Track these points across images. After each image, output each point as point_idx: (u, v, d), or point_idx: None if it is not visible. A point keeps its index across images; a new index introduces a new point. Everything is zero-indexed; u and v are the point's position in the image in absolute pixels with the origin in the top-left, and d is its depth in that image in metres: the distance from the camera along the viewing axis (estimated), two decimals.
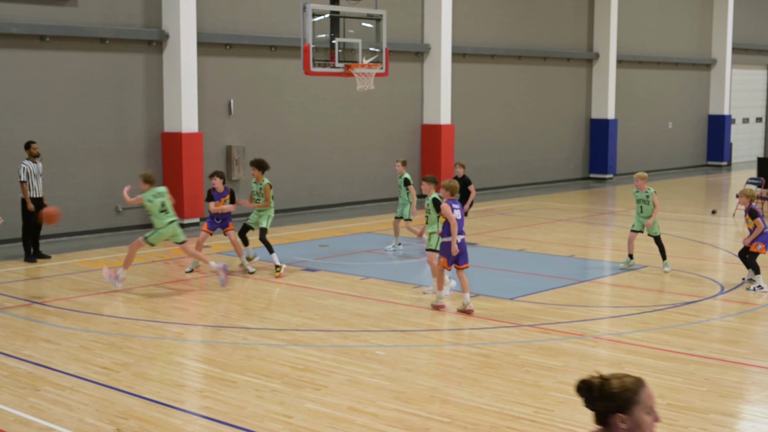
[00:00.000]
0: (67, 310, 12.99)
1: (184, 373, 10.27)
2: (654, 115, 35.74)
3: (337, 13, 17.46)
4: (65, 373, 10.05)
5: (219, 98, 21.77)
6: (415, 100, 26.57)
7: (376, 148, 25.37)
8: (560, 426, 8.49)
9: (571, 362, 10.53)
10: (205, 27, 21.27)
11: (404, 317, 12.67)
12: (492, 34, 28.76)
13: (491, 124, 28.97)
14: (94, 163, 19.75)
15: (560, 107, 31.59)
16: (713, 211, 24.06)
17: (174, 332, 11.99)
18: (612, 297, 14.29)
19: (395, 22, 23.90)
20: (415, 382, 9.83)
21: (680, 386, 9.64)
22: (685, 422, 8.59)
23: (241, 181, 22.21)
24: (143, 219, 20.59)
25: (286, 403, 9.08)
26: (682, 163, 37.40)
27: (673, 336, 11.67)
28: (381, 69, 17.98)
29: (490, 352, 10.92)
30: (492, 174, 28.99)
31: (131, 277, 15.43)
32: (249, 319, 12.62)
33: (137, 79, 20.36)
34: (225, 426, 8.48)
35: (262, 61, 22.56)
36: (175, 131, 20.58)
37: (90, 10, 19.50)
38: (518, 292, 14.32)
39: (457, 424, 8.53)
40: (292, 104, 23.31)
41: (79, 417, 8.69)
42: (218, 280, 14.64)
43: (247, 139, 22.33)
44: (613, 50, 32.28)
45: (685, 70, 36.97)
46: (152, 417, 8.71)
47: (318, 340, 11.56)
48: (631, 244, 16.10)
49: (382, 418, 8.69)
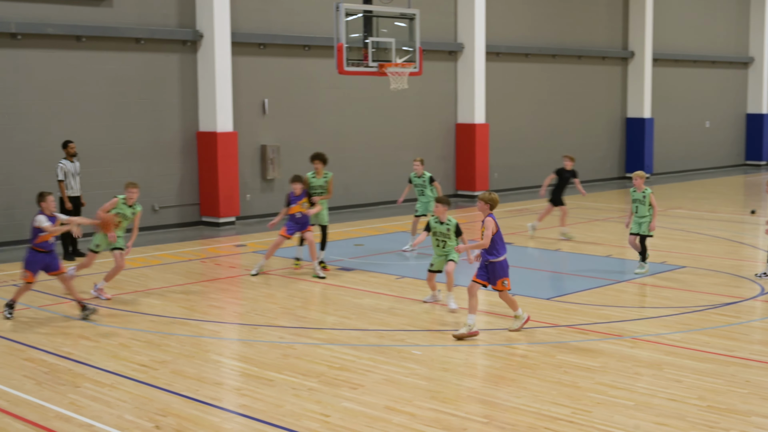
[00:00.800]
0: (106, 308, 13.07)
1: (221, 371, 10.30)
2: (691, 113, 35.44)
3: (370, 13, 17.44)
4: (104, 371, 10.11)
5: (253, 98, 21.83)
6: (448, 99, 26.51)
7: (410, 147, 25.33)
8: (598, 427, 8.42)
9: (609, 363, 10.44)
10: (239, 27, 21.33)
11: (440, 317, 12.63)
12: (526, 32, 28.63)
13: (525, 123, 28.86)
14: (130, 163, 19.87)
15: (595, 106, 31.40)
16: (752, 211, 23.80)
17: (211, 330, 12.03)
18: (650, 297, 14.17)
19: (428, 21, 23.85)
20: (451, 381, 9.80)
21: (721, 388, 9.54)
22: (726, 425, 8.49)
23: (276, 181, 22.25)
24: (179, 218, 20.72)
25: (323, 402, 9.08)
26: (719, 163, 37.05)
27: (712, 337, 11.54)
28: (414, 68, 17.94)
29: (528, 353, 10.86)
30: (527, 173, 28.87)
31: (168, 275, 15.52)
32: (285, 317, 12.64)
33: (172, 79, 20.46)
34: (262, 424, 8.49)
35: (296, 61, 22.59)
36: (210, 131, 20.67)
37: (125, 10, 19.62)
38: (555, 292, 14.23)
39: (494, 425, 8.49)
40: (325, 103, 23.33)
41: (118, 414, 8.74)
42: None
43: (282, 139, 22.38)
44: (649, 48, 32.04)
45: (722, 68, 36.63)
46: (190, 414, 8.74)
47: (354, 339, 11.55)
48: (635, 245, 15.71)
49: (419, 417, 8.66)
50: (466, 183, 26.51)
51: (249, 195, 21.82)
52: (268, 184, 22.19)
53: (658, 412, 8.82)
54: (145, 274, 15.64)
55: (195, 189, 20.95)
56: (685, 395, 9.31)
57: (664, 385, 9.64)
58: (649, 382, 9.74)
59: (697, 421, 8.57)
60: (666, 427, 8.42)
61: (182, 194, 20.77)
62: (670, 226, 21.17)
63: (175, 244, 18.67)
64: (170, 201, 20.54)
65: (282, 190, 22.40)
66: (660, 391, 9.44)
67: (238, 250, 18.11)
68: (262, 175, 22.03)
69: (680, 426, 8.45)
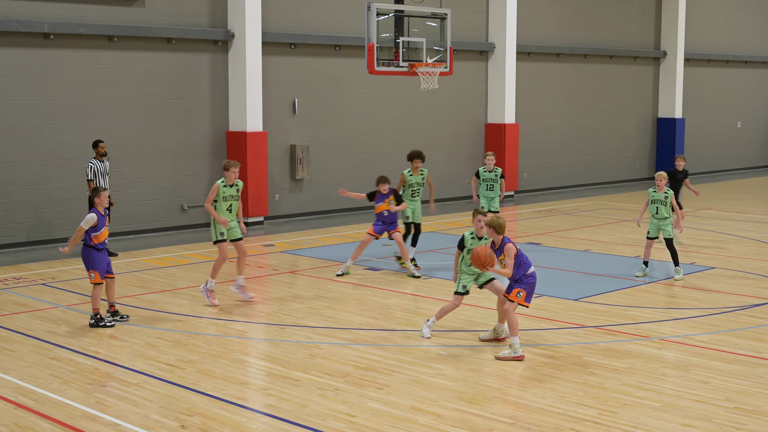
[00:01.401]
0: (133, 308, 13.16)
1: (247, 370, 10.34)
2: (722, 114, 35.15)
3: (401, 12, 17.44)
4: (131, 370, 10.18)
5: (283, 97, 21.89)
6: (479, 99, 26.45)
7: (441, 147, 25.31)
8: (624, 428, 8.38)
9: (636, 364, 10.39)
10: (270, 27, 21.40)
11: (466, 317, 12.61)
12: (557, 32, 28.52)
13: (556, 123, 28.74)
14: (160, 162, 20.00)
15: (626, 106, 31.22)
16: None
17: (238, 330, 12.08)
18: (678, 299, 14.07)
19: (459, 21, 23.82)
20: (477, 382, 9.79)
21: (749, 390, 9.46)
22: (753, 426, 8.43)
23: (305, 181, 22.31)
24: (208, 218, 20.74)
25: (348, 402, 9.09)
26: (750, 163, 36.72)
27: (741, 339, 11.45)
28: (445, 68, 17.92)
29: (554, 353, 10.82)
30: (557, 173, 28.76)
31: (196, 275, 15.59)
32: (312, 317, 12.67)
33: (203, 79, 20.57)
34: (288, 424, 8.52)
35: (327, 61, 22.63)
36: (240, 130, 20.75)
37: (157, 10, 19.75)
38: (583, 292, 14.18)
39: (520, 425, 8.46)
40: (356, 103, 23.36)
41: (144, 413, 8.79)
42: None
43: (312, 139, 22.43)
44: (681, 48, 31.81)
45: (754, 68, 36.30)
46: (216, 414, 8.78)
47: (380, 339, 11.56)
48: (649, 251, 15.48)
49: (444, 418, 8.66)
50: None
51: (278, 195, 21.89)
52: (297, 184, 22.25)
53: (684, 413, 8.76)
54: (173, 274, 15.73)
55: None
56: (713, 397, 9.24)
57: (691, 386, 9.58)
58: (676, 384, 9.68)
59: (725, 423, 8.50)
60: (693, 429, 8.36)
61: None
62: (700, 226, 21.01)
63: (203, 244, 18.76)
64: (199, 201, 20.63)
65: (311, 189, 22.47)
66: (687, 392, 9.38)
67: (266, 250, 18.17)
68: (291, 175, 22.09)
69: (707, 428, 8.39)
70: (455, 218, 22.21)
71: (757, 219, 22.38)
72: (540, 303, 13.40)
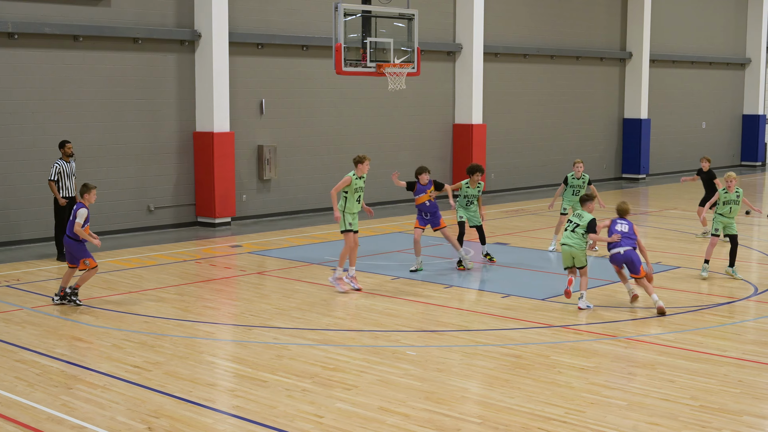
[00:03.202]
0: (99, 309, 13.07)
1: (215, 372, 10.30)
2: (687, 114, 35.45)
3: (368, 13, 17.44)
4: (97, 372, 10.11)
5: (250, 98, 21.83)
6: (446, 99, 26.51)
7: (408, 147, 25.34)
8: (591, 427, 8.43)
9: (603, 363, 10.46)
10: (237, 27, 21.32)
11: (435, 317, 12.63)
12: (524, 33, 28.64)
13: (523, 123, 28.85)
14: (126, 163, 19.87)
15: (593, 107, 31.41)
16: (747, 211, 23.78)
17: (205, 331, 12.02)
18: (644, 298, 14.16)
19: (427, 22, 23.86)
20: (446, 382, 9.80)
21: (713, 388, 9.55)
22: (718, 424, 8.51)
23: (272, 181, 22.25)
24: (175, 218, 20.71)
25: (316, 403, 9.08)
26: (715, 164, 36.88)
27: (706, 337, 11.56)
28: (413, 68, 17.94)
29: (522, 353, 10.86)
30: (524, 174, 28.88)
31: (162, 276, 15.52)
32: (280, 318, 12.64)
33: (169, 79, 20.46)
34: (256, 425, 8.50)
35: (294, 61, 22.59)
36: (206, 131, 20.66)
37: (123, 10, 19.61)
38: (550, 292, 14.24)
39: (487, 425, 8.49)
40: (323, 104, 23.33)
41: (110, 415, 8.74)
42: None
43: (279, 139, 22.37)
44: (647, 49, 32.05)
45: (719, 69, 36.65)
46: (183, 416, 8.74)
47: (348, 339, 11.56)
48: (713, 249, 15.55)
49: (412, 418, 8.67)
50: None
51: (245, 195, 21.81)
52: (265, 185, 22.19)
53: (650, 412, 8.83)
54: (139, 275, 15.64)
55: (191, 189, 20.94)
56: (678, 395, 9.32)
57: (658, 385, 9.65)
58: (642, 382, 9.75)
59: (690, 421, 8.58)
60: (659, 427, 8.43)
61: (178, 194, 20.76)
62: (665, 226, 21.19)
63: (170, 245, 18.67)
64: (166, 201, 20.53)
65: (278, 190, 22.42)
66: (653, 391, 9.46)
67: (233, 251, 18.11)
68: (259, 175, 22.03)
69: (673, 426, 8.47)
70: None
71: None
72: (507, 303, 13.45)
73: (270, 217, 22.33)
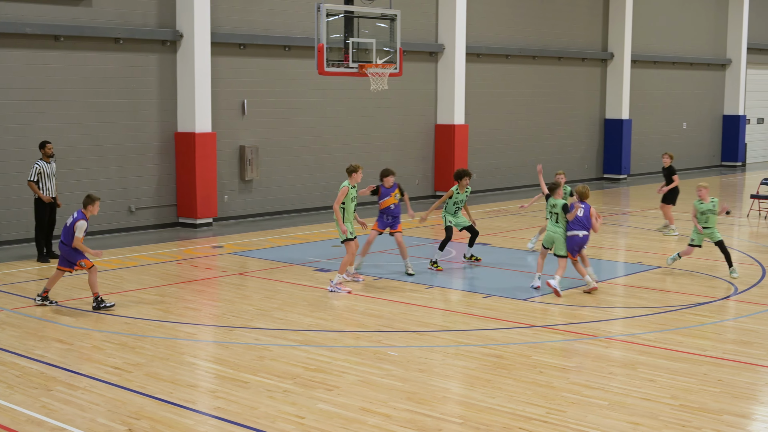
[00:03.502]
0: (80, 310, 13.02)
1: (196, 373, 10.28)
2: (668, 115, 35.60)
3: (351, 13, 17.43)
4: (77, 373, 10.07)
5: (232, 98, 21.78)
6: (428, 100, 26.53)
7: (390, 148, 25.35)
8: (572, 427, 8.46)
9: (584, 363, 10.50)
10: (219, 27, 21.28)
11: (417, 318, 12.64)
12: (506, 34, 28.69)
13: (505, 124, 28.91)
14: (107, 163, 19.79)
15: (574, 107, 31.50)
16: (727, 211, 23.88)
17: (186, 332, 12.00)
18: (625, 298, 14.23)
19: (409, 22, 23.86)
20: (427, 382, 9.81)
21: (693, 387, 9.60)
22: (698, 423, 8.55)
23: (254, 182, 22.22)
24: (156, 219, 20.65)
25: (298, 404, 9.07)
26: (696, 164, 37.23)
27: (686, 337, 11.61)
28: (395, 69, 17.95)
29: (503, 353, 10.89)
30: (506, 174, 28.93)
31: (143, 277, 15.47)
32: (261, 319, 12.62)
33: (151, 79, 20.40)
34: (237, 426, 8.48)
35: (276, 61, 22.56)
36: (188, 131, 20.61)
37: (104, 10, 19.54)
38: (531, 292, 14.27)
39: (469, 425, 8.51)
40: (305, 104, 23.31)
41: (91, 417, 8.70)
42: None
43: (261, 139, 22.34)
44: (628, 50, 32.17)
45: (699, 70, 36.81)
46: (164, 417, 8.71)
47: (330, 340, 11.56)
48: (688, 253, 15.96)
49: (394, 418, 8.68)
50: (444, 184, 26.52)
51: (227, 196, 21.77)
52: (246, 185, 22.15)
53: (631, 411, 8.87)
54: (120, 276, 15.58)
55: (172, 190, 20.88)
56: (659, 394, 9.36)
57: (638, 384, 9.70)
58: (622, 382, 9.79)
59: (670, 420, 8.62)
60: (639, 426, 8.47)
61: (159, 195, 20.70)
62: (646, 226, 21.28)
63: (151, 246, 18.62)
64: (147, 202, 20.47)
65: (260, 191, 22.38)
66: (634, 390, 9.50)
67: (215, 252, 18.07)
68: (241, 176, 21.99)
69: (653, 425, 8.50)
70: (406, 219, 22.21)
71: None
72: (489, 303, 13.48)
73: (252, 218, 22.30)
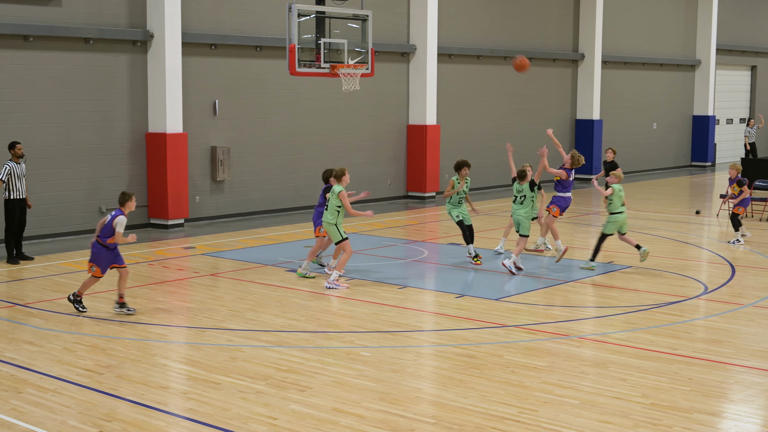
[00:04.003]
0: (50, 312, 12.93)
1: (167, 374, 10.23)
2: (639, 115, 35.82)
3: (322, 14, 17.43)
4: (48, 375, 10.00)
5: (204, 99, 21.70)
6: (400, 100, 26.56)
7: (362, 148, 25.35)
8: (544, 426, 8.49)
9: (556, 362, 10.54)
10: (190, 27, 21.20)
11: (389, 318, 12.65)
12: (478, 34, 28.77)
13: (477, 124, 28.98)
14: (78, 164, 19.66)
15: (546, 108, 31.63)
16: (697, 211, 24.13)
17: (158, 334, 11.94)
18: (596, 297, 14.31)
19: (381, 23, 23.88)
20: (400, 383, 9.82)
21: (664, 386, 9.66)
22: (669, 422, 8.61)
23: (226, 182, 22.15)
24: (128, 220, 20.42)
25: (270, 405, 9.06)
26: (666, 164, 37.49)
27: (657, 336, 11.69)
28: (366, 69, 17.96)
29: (476, 353, 10.91)
30: (478, 174, 28.93)
31: (115, 278, 15.34)
32: (233, 320, 12.58)
33: (122, 80, 20.28)
34: (209, 428, 8.45)
35: (248, 62, 22.50)
36: (159, 132, 20.51)
37: (74, 9, 19.41)
38: (503, 292, 14.32)
39: (442, 425, 8.52)
40: (277, 105, 23.26)
41: (61, 419, 8.65)
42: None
43: (232, 140, 22.27)
44: (599, 51, 32.34)
45: (669, 70, 37.07)
46: (136, 419, 8.67)
47: (303, 341, 11.54)
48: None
49: (367, 419, 8.68)
50: (416, 184, 26.59)
51: (198, 197, 21.69)
52: (218, 186, 22.08)
53: (602, 410, 8.92)
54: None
55: (143, 191, 20.77)
56: (630, 393, 9.42)
57: (609, 383, 9.75)
58: (594, 381, 9.84)
59: (641, 419, 8.67)
60: (611, 425, 8.51)
61: None
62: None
63: (122, 247, 18.44)
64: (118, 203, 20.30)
65: (232, 191, 22.32)
66: (605, 389, 9.55)
67: (186, 253, 18.00)
68: (212, 176, 21.91)
69: (625, 424, 8.55)
70: (378, 219, 22.26)
71: (673, 218, 22.87)
72: (461, 303, 13.52)
73: (223, 219, 22.23)
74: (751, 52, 41.67)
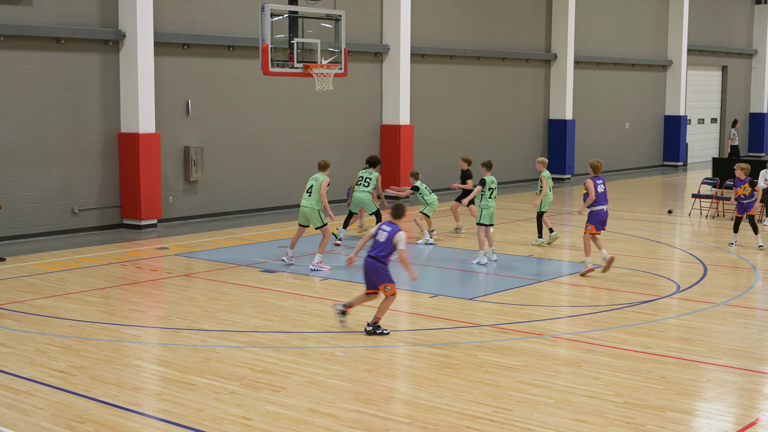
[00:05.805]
0: (22, 313, 12.83)
1: (141, 375, 10.18)
2: (611, 115, 36.02)
3: (295, 13, 17.41)
4: (20, 377, 9.92)
5: (176, 98, 21.61)
6: (374, 100, 26.56)
7: (336, 148, 25.33)
8: (519, 425, 8.52)
9: (529, 362, 10.57)
10: (163, 27, 21.10)
11: (364, 318, 12.63)
12: (451, 34, 28.82)
13: (450, 124, 29.03)
14: (49, 165, 19.53)
15: (519, 108, 31.73)
16: (669, 210, 24.29)
17: (131, 335, 11.88)
18: (570, 296, 14.38)
19: (354, 23, 23.88)
20: (374, 383, 9.83)
21: (637, 384, 9.72)
22: (642, 420, 8.66)
23: (199, 182, 22.06)
24: (100, 220, 20.41)
25: (244, 406, 9.03)
26: (638, 164, 37.71)
27: (630, 335, 11.75)
28: (340, 69, 17.96)
29: (450, 353, 10.93)
30: (451, 175, 28.99)
31: (87, 279, 15.28)
32: (207, 321, 12.54)
33: (93, 80, 20.16)
34: (183, 429, 8.42)
35: (220, 61, 22.43)
36: (132, 132, 20.40)
37: (45, 9, 19.27)
38: (478, 292, 14.36)
39: (416, 425, 8.53)
40: (250, 104, 23.21)
41: (34, 421, 8.59)
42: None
43: (206, 140, 22.20)
44: (571, 51, 32.49)
45: (641, 71, 37.30)
46: (109, 420, 8.62)
47: (277, 341, 11.52)
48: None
49: (341, 419, 8.67)
50: (390, 184, 26.57)
51: (171, 197, 21.60)
52: (191, 186, 21.99)
53: (576, 409, 8.96)
54: (63, 278, 15.39)
55: (116, 191, 20.66)
56: (603, 392, 9.47)
57: (583, 382, 9.80)
58: (568, 380, 9.88)
59: (615, 417, 8.72)
60: (584, 424, 8.55)
61: (103, 196, 20.47)
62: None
63: (95, 247, 18.40)
64: (91, 203, 20.23)
65: (205, 191, 22.23)
66: (579, 388, 9.59)
67: (159, 253, 17.91)
68: (185, 176, 21.83)
69: (598, 422, 8.60)
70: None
71: (645, 218, 23.00)
72: (435, 303, 13.53)
73: (197, 219, 22.14)
74: (722, 52, 42.00)
